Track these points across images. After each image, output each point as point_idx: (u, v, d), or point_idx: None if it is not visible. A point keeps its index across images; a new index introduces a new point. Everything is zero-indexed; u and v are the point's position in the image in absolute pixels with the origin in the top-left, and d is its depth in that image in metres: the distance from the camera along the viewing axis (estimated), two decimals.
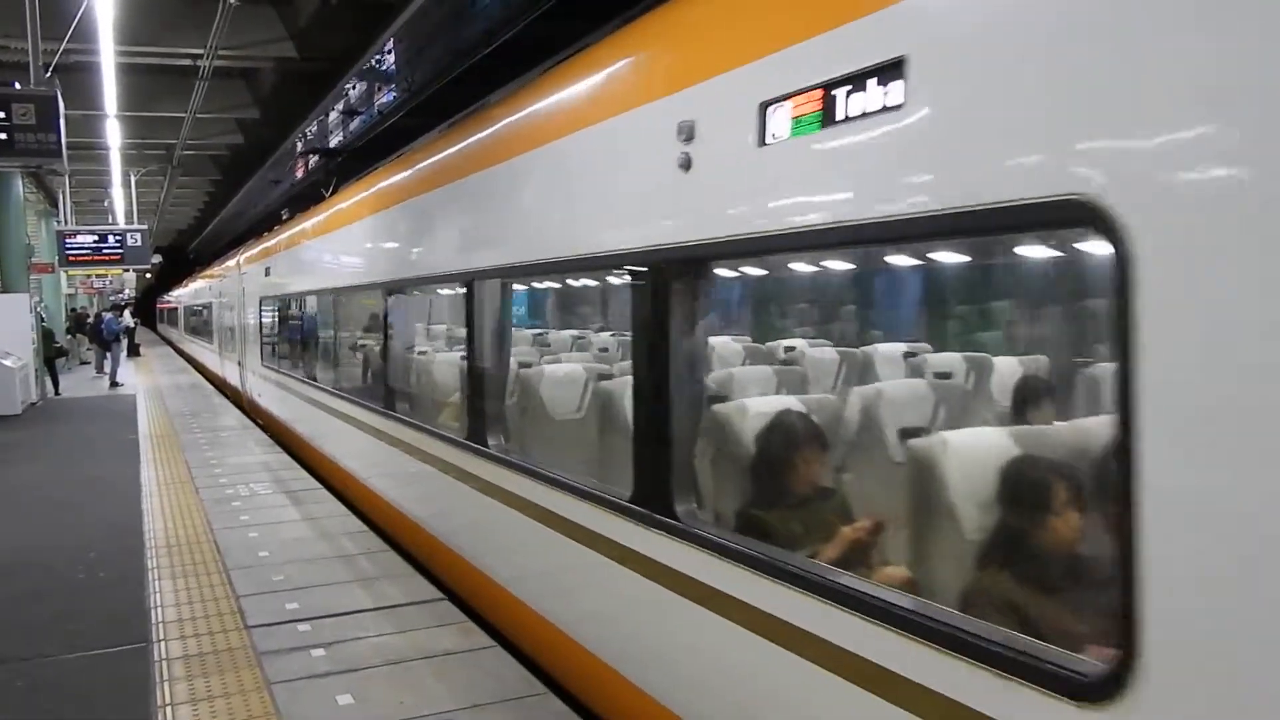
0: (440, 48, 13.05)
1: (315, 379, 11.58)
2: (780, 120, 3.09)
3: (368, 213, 8.83)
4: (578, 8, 9.21)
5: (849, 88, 2.78)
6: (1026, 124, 2.27)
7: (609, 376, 6.04)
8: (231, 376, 19.97)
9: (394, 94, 16.66)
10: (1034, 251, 3.20)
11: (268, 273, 14.96)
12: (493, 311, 5.92)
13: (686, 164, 3.57)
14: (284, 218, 17.41)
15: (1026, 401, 4.18)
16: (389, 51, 16.06)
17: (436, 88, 13.49)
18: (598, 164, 4.36)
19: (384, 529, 8.04)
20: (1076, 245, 2.65)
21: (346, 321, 10.76)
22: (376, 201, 8.59)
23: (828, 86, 2.87)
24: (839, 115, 2.83)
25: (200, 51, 16.59)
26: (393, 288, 8.10)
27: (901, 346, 5.74)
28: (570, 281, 8.74)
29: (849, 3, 2.82)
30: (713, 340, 5.23)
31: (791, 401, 4.13)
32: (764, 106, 3.16)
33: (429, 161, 7.12)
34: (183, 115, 21.40)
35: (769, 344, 6.58)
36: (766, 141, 3.16)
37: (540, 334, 9.58)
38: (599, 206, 4.39)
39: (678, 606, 3.64)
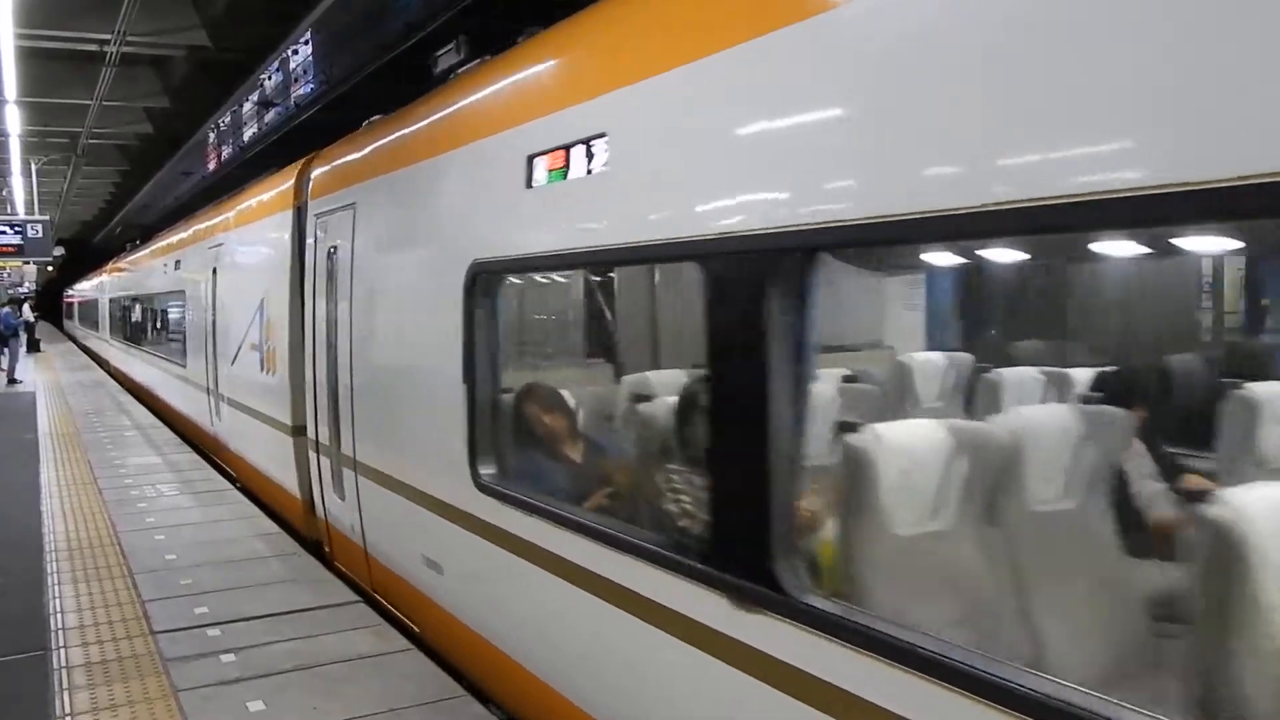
0: (359, 41, 12.84)
1: None
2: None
3: None
4: (498, 5, 9.15)
5: None
6: None
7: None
8: (266, 460, 9.14)
9: (311, 86, 16.34)
10: None
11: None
12: None
13: None
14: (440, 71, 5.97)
15: None
16: (306, 43, 15.75)
17: (355, 81, 13.27)
18: None
19: None
20: None
21: None
22: None
23: None
24: None
25: (107, 37, 15.99)
26: None
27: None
28: None
29: None
30: None
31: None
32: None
33: None
34: (88, 103, 20.60)
35: None
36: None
37: None
38: None
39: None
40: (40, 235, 24.61)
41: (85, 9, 15.20)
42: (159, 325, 17.66)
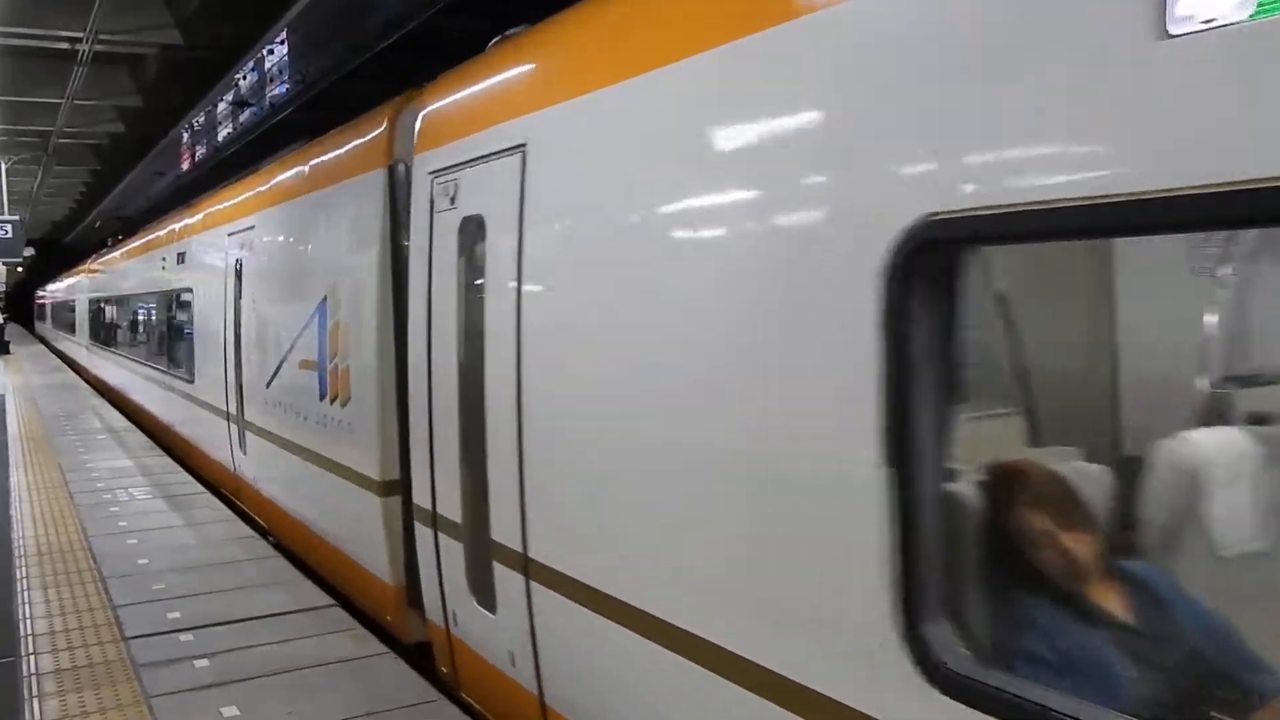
0: (336, 41, 12.73)
1: None
2: None
3: None
4: (480, 5, 9.10)
5: None
6: None
7: None
8: (326, 519, 6.95)
9: (287, 86, 16.19)
10: None
11: None
12: None
13: None
14: None
15: None
16: (282, 42, 15.61)
17: (331, 81, 13.16)
18: None
19: None
20: None
21: None
22: None
23: None
24: None
25: (80, 35, 15.83)
26: None
27: None
28: None
29: None
30: None
31: None
32: None
33: None
34: (60, 101, 20.39)
35: None
36: None
37: None
38: None
39: None
40: (10, 235, 24.33)
41: (57, 7, 15.02)
42: (153, 330, 14.89)
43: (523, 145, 4.05)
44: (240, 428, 8.86)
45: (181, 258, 12.22)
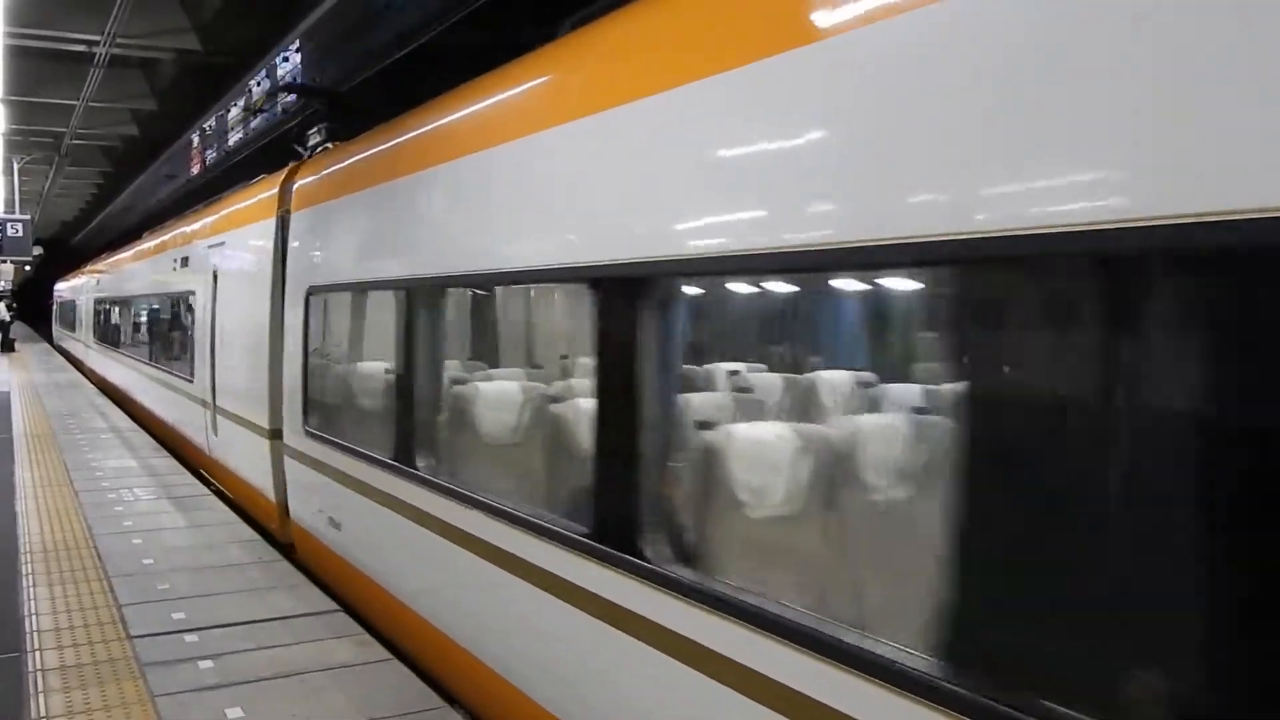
0: (349, 50, 12.85)
1: None
2: None
3: None
4: (492, 18, 9.21)
5: None
6: None
7: None
8: None
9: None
10: None
11: None
12: None
13: None
14: None
15: None
16: (296, 50, 15.74)
17: (345, 89, 13.26)
18: None
19: None
20: None
21: None
22: None
23: None
24: None
25: (96, 38, 15.98)
26: None
27: None
28: None
29: None
30: None
31: None
32: None
33: None
34: (74, 103, 20.56)
35: None
36: None
37: None
38: None
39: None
40: (20, 234, 24.47)
41: (75, 9, 15.17)
42: None
43: None
44: None
45: None
